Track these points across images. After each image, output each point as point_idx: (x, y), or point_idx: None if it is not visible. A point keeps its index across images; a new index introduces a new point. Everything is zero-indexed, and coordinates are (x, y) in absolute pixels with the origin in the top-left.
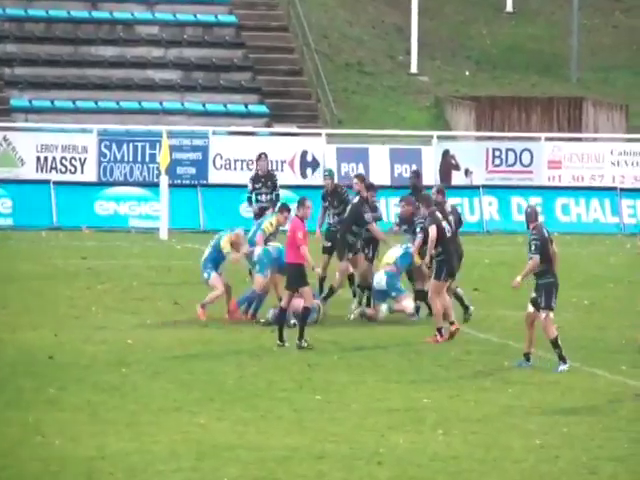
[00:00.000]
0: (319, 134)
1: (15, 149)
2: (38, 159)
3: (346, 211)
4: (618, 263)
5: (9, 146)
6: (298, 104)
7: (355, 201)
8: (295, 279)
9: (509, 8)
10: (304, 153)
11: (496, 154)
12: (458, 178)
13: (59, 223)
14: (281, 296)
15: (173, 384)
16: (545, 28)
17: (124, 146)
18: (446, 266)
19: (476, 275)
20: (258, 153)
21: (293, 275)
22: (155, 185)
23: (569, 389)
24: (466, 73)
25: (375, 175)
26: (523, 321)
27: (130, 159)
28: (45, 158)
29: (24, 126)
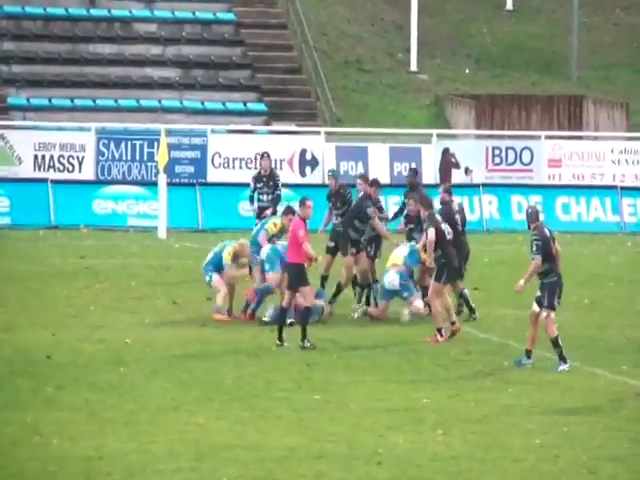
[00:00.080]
0: (318, 132)
1: (13, 147)
2: (36, 157)
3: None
4: (618, 262)
5: (6, 144)
6: (297, 102)
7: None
8: (295, 279)
9: (509, 6)
10: (303, 151)
11: (496, 152)
12: (458, 177)
13: (57, 222)
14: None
15: (171, 383)
16: (545, 26)
17: (122, 144)
18: (447, 268)
19: (476, 274)
20: (261, 152)
21: (294, 275)
22: (153, 184)
23: (569, 389)
24: (466, 71)
25: (374, 174)
26: (523, 320)
27: (128, 157)
28: (43, 156)
29: (22, 124)
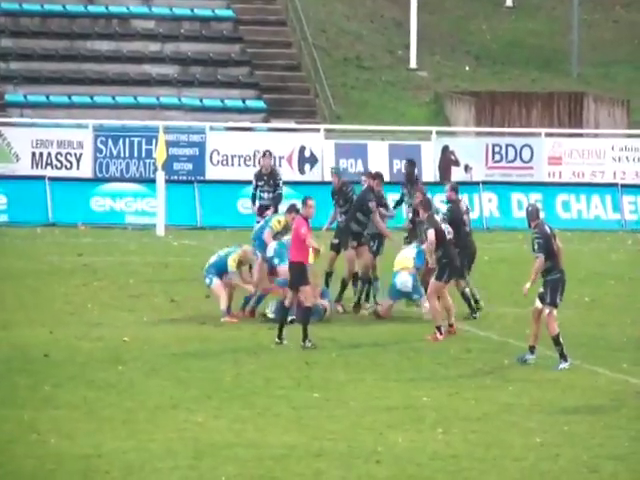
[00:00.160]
0: (317, 130)
1: (10, 145)
2: (33, 155)
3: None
4: (619, 260)
5: (4, 142)
6: (296, 99)
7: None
8: (296, 278)
9: (509, 3)
10: (302, 149)
11: (496, 150)
12: (458, 174)
13: (54, 219)
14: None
15: (170, 381)
16: (545, 23)
17: (120, 142)
18: (449, 268)
19: (476, 272)
20: (262, 151)
21: (295, 273)
22: (151, 181)
23: (570, 387)
24: (466, 68)
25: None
26: (524, 318)
27: (126, 155)
28: (40, 154)
29: (19, 121)
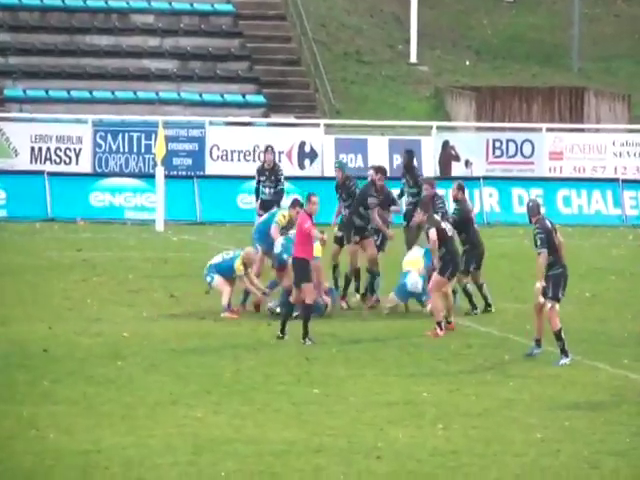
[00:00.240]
0: (317, 124)
1: (9, 140)
2: (32, 150)
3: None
4: (620, 255)
5: (3, 136)
6: (296, 94)
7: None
8: (298, 274)
9: None
10: (302, 144)
11: (497, 145)
12: (458, 169)
13: (54, 215)
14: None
15: (169, 377)
16: (546, 17)
17: (119, 137)
18: (451, 264)
19: None
20: (265, 146)
21: (297, 270)
22: (151, 176)
23: (570, 383)
24: (466, 63)
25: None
26: (524, 314)
27: (125, 150)
28: (39, 149)
29: (18, 116)
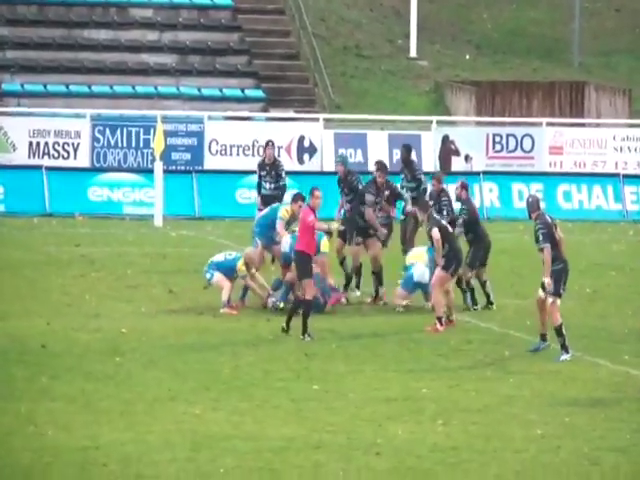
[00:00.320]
0: (316, 119)
1: (7, 134)
2: (30, 144)
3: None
4: (620, 251)
5: (1, 131)
6: (295, 88)
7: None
8: (299, 268)
9: None
10: (301, 138)
11: (497, 140)
12: (458, 164)
13: (52, 210)
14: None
15: (168, 373)
16: (547, 12)
17: (118, 131)
18: (455, 260)
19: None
20: (265, 141)
21: (298, 263)
22: (149, 171)
23: (571, 379)
24: (466, 57)
25: (373, 161)
26: (524, 309)
27: (124, 144)
28: (37, 143)
29: (16, 111)
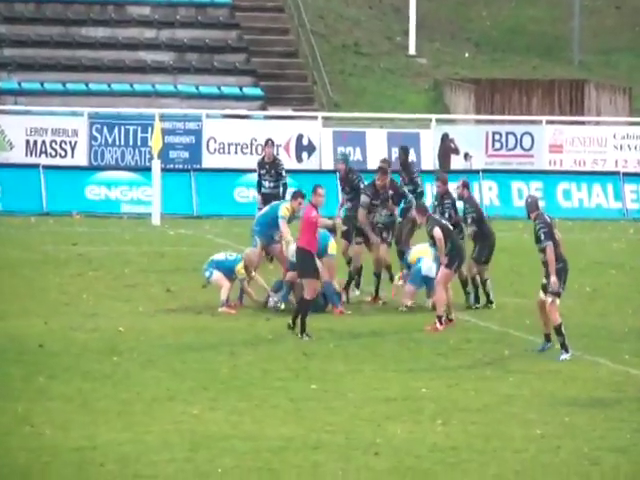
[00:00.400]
0: (315, 117)
1: (4, 132)
2: (27, 143)
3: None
4: (620, 249)
5: None
6: (293, 86)
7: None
8: (300, 265)
9: None
10: (300, 137)
11: (496, 138)
12: (457, 162)
13: (49, 208)
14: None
15: (166, 373)
16: (547, 9)
17: (115, 129)
18: (458, 257)
19: None
20: (265, 139)
21: (299, 260)
22: (147, 169)
23: (571, 378)
24: (466, 55)
25: (372, 160)
26: (524, 308)
27: (122, 143)
28: (34, 142)
29: (13, 109)
